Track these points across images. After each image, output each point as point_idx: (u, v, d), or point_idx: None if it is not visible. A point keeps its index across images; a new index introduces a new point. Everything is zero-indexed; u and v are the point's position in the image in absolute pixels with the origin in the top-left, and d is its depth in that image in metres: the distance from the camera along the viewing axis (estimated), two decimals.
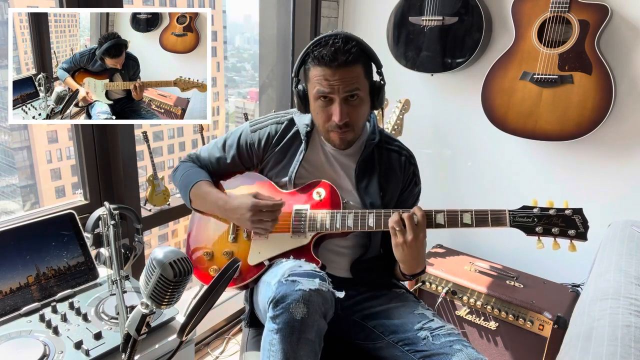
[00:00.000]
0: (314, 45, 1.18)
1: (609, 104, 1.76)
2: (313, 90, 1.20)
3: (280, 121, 1.35)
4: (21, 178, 6.03)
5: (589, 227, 1.14)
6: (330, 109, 1.20)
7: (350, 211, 1.24)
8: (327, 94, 1.18)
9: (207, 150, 1.42)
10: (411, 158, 1.37)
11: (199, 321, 0.83)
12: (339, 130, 1.22)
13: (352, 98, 1.19)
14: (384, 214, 1.21)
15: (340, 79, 1.16)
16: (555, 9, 1.77)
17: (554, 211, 1.17)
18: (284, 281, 1.03)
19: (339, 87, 1.17)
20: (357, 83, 1.18)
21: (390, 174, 1.33)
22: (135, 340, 0.82)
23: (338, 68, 1.15)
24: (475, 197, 2.29)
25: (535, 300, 1.77)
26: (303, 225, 1.26)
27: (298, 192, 1.31)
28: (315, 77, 1.19)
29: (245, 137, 1.36)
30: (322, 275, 1.06)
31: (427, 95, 2.29)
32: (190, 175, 1.36)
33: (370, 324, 1.27)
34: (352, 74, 1.17)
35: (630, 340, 1.05)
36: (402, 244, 1.16)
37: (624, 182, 1.92)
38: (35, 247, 1.23)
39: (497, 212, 1.17)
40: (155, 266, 0.75)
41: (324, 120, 1.23)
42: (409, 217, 1.15)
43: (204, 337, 2.16)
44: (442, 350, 1.11)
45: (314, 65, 1.18)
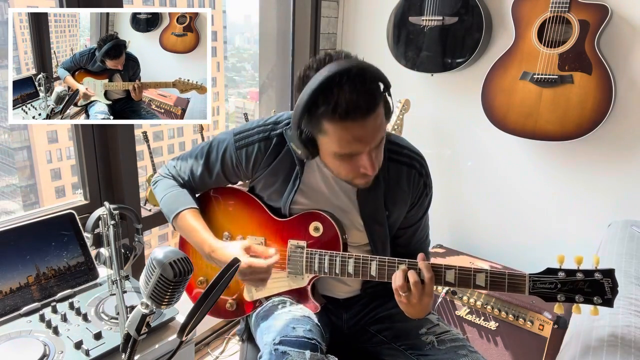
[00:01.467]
0: (322, 91, 0.92)
1: (608, 104, 1.76)
2: (333, 148, 0.99)
3: (268, 136, 1.16)
4: (21, 178, 6.03)
5: (617, 291, 0.97)
6: (357, 161, 1.00)
7: (351, 255, 1.12)
8: (356, 152, 0.98)
9: (188, 164, 1.26)
10: (422, 168, 1.20)
11: (199, 321, 0.83)
12: (368, 177, 1.05)
13: (380, 144, 1.02)
14: (388, 263, 1.08)
15: (370, 132, 0.96)
16: (555, 9, 1.77)
17: (582, 275, 0.98)
18: (274, 351, 1.00)
19: (369, 141, 0.97)
20: (383, 125, 0.99)
21: (397, 191, 1.17)
22: (135, 340, 0.82)
23: (365, 118, 0.93)
24: (475, 197, 2.29)
25: (535, 300, 1.76)
26: (300, 267, 1.17)
27: (294, 222, 1.19)
28: (337, 135, 0.96)
29: (230, 154, 1.19)
30: (314, 344, 1.02)
31: (427, 96, 2.29)
32: (173, 202, 1.23)
33: (373, 328, 1.26)
34: (378, 118, 0.96)
35: (630, 341, 1.05)
36: (406, 304, 1.05)
37: (624, 182, 1.92)
38: (36, 247, 1.23)
39: (516, 277, 1.01)
40: (155, 266, 0.75)
41: (347, 173, 1.04)
42: (415, 283, 1.01)
43: (204, 337, 2.16)
44: (447, 355, 1.10)
45: (334, 121, 0.93)
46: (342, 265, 1.13)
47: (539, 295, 1.01)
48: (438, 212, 2.34)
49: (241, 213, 1.27)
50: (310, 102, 0.93)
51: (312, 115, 0.95)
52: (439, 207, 2.42)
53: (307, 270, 1.17)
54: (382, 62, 1.25)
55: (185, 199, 1.23)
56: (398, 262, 1.07)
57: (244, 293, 1.26)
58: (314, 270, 1.16)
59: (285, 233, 1.20)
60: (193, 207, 1.23)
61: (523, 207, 2.15)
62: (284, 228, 1.20)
